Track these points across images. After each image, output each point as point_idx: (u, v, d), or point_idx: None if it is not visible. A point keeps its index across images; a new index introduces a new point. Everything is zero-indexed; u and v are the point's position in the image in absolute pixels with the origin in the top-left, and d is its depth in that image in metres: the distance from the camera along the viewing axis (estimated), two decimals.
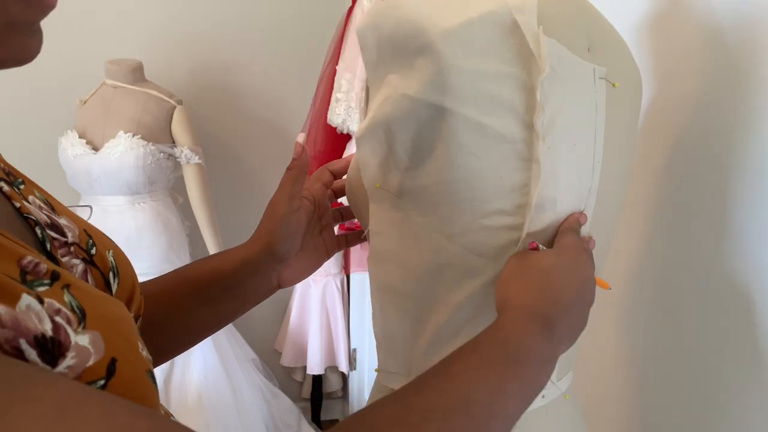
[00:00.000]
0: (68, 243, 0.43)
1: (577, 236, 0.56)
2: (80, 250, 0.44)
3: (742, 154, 0.70)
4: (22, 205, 0.42)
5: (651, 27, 0.84)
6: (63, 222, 0.45)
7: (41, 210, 0.44)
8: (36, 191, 0.46)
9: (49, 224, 0.43)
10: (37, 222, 0.41)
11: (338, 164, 0.74)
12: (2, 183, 0.42)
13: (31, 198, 0.44)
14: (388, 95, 0.55)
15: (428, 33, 0.50)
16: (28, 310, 0.31)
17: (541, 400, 0.64)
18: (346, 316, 2.44)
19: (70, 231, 0.45)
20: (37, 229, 0.41)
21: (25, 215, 0.41)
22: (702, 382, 0.78)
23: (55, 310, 0.32)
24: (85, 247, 0.45)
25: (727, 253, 0.73)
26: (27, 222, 0.41)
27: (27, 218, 0.41)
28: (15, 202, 0.41)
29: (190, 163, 1.95)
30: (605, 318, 0.96)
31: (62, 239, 0.43)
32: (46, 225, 0.42)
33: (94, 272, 0.44)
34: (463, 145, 0.53)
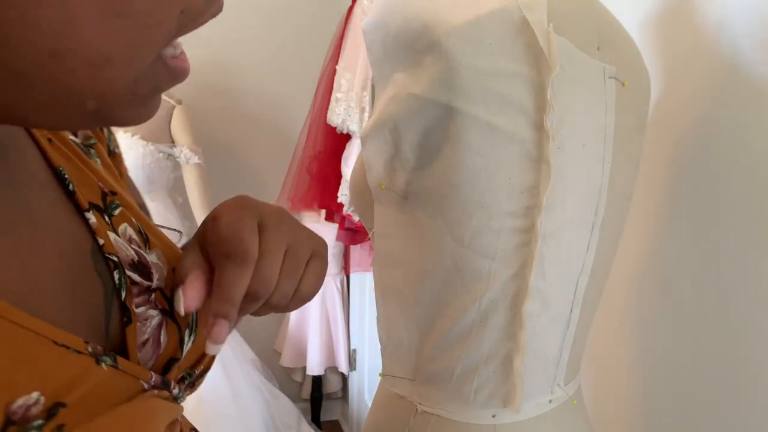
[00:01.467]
0: (150, 288, 0.40)
1: None
2: (162, 298, 0.41)
3: (748, 153, 0.70)
4: (107, 241, 0.38)
5: (657, 25, 0.84)
6: (152, 260, 0.41)
7: (130, 244, 0.40)
8: (133, 218, 0.42)
9: (135, 263, 0.40)
10: (117, 264, 0.38)
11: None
12: (91, 213, 0.39)
13: (123, 227, 0.41)
14: (394, 94, 0.54)
15: (436, 31, 0.49)
16: None
17: (548, 404, 0.63)
18: (346, 316, 2.44)
19: (158, 272, 0.41)
20: (116, 273, 0.38)
21: (107, 255, 0.38)
22: (708, 384, 0.77)
23: None
24: (170, 294, 0.41)
25: (734, 252, 0.72)
26: (107, 263, 0.38)
27: (108, 259, 0.38)
28: (99, 238, 0.38)
29: (190, 163, 1.94)
30: (611, 320, 0.95)
31: (145, 283, 0.40)
32: (130, 265, 0.39)
33: (170, 327, 0.40)
34: (471, 145, 0.52)
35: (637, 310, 0.91)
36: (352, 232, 1.87)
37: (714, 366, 0.76)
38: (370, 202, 0.63)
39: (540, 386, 0.63)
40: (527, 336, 0.58)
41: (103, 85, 0.28)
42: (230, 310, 0.37)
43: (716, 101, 0.74)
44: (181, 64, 0.33)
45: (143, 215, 0.45)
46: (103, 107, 0.29)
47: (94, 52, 0.27)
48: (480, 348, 0.59)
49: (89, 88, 0.28)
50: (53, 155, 0.38)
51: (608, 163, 0.57)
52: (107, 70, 0.28)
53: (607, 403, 0.98)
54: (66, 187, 0.38)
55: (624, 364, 0.94)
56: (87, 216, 0.38)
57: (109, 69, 0.28)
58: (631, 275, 0.90)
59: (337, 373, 2.56)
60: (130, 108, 0.31)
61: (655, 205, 0.85)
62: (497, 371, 0.60)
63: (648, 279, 0.88)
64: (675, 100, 0.81)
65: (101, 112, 0.30)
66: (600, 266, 0.62)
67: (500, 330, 0.58)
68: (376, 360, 2.30)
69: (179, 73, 0.33)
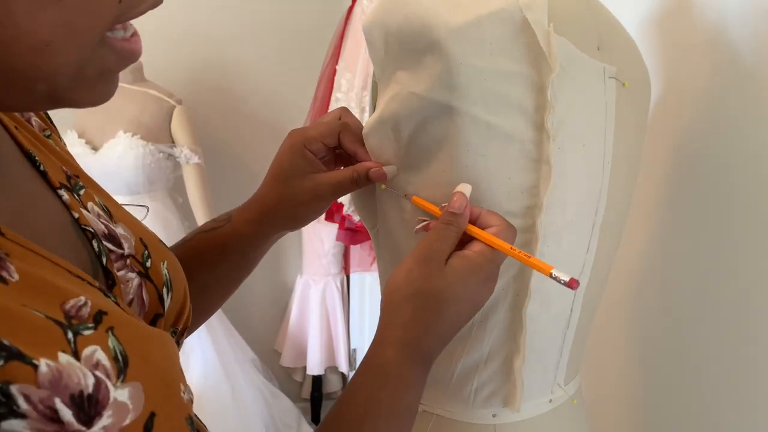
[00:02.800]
0: (124, 255, 0.43)
1: (494, 251, 0.51)
2: (136, 262, 0.44)
3: (749, 154, 0.70)
4: (81, 215, 0.42)
5: (657, 25, 0.84)
6: (120, 231, 0.45)
7: (99, 219, 0.44)
8: (96, 196, 0.46)
9: (106, 235, 0.43)
10: (94, 234, 0.41)
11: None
12: (63, 191, 0.42)
13: (90, 205, 0.44)
14: (396, 93, 0.54)
15: (436, 31, 0.49)
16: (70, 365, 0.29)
17: (548, 404, 0.64)
18: (346, 316, 2.44)
19: (127, 242, 0.44)
20: (94, 242, 0.41)
21: (83, 227, 0.41)
22: (708, 384, 0.77)
23: (93, 364, 0.31)
24: (141, 259, 0.45)
25: (734, 253, 0.72)
26: (84, 234, 0.41)
27: (84, 230, 0.41)
28: (74, 212, 0.41)
29: (190, 163, 1.94)
30: (611, 320, 0.95)
31: (118, 251, 0.43)
32: (103, 236, 0.42)
33: (148, 286, 0.44)
34: (471, 145, 0.52)
35: (637, 310, 0.91)
36: (352, 232, 1.87)
37: (714, 366, 0.76)
38: (371, 201, 0.63)
39: (540, 386, 0.63)
40: (527, 336, 0.58)
41: (48, 68, 0.31)
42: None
43: (716, 101, 0.74)
44: (131, 45, 0.35)
45: (106, 193, 0.49)
46: (53, 89, 0.32)
47: (34, 39, 0.29)
48: (480, 348, 0.59)
49: (36, 71, 0.30)
50: (22, 140, 0.41)
51: (608, 163, 0.57)
52: (49, 55, 0.30)
53: (607, 403, 0.98)
54: (37, 168, 0.41)
55: (624, 364, 0.94)
56: (60, 193, 0.42)
57: (50, 54, 0.30)
58: (631, 275, 0.90)
59: (337, 373, 2.56)
60: (81, 89, 0.33)
61: (655, 205, 0.85)
62: (497, 371, 0.60)
63: (648, 279, 0.88)
64: (675, 100, 0.81)
65: (53, 93, 0.32)
66: (600, 266, 0.62)
67: (500, 330, 0.58)
68: None
69: (128, 54, 0.35)
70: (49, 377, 0.28)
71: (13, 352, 0.27)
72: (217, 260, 0.63)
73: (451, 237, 0.50)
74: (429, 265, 0.49)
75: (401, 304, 0.49)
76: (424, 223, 0.55)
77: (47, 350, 0.29)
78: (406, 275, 0.50)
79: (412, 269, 0.49)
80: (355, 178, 0.58)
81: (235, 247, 0.63)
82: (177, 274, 0.49)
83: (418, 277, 0.49)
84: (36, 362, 0.28)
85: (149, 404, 0.32)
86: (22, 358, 0.27)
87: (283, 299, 2.54)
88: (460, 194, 0.51)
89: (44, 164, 0.42)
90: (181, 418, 0.35)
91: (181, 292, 0.49)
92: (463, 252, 0.50)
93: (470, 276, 0.49)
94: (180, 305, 0.48)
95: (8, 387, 0.26)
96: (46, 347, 0.29)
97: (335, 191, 0.60)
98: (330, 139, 0.60)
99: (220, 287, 0.65)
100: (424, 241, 0.50)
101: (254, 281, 2.64)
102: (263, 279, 2.50)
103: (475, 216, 0.52)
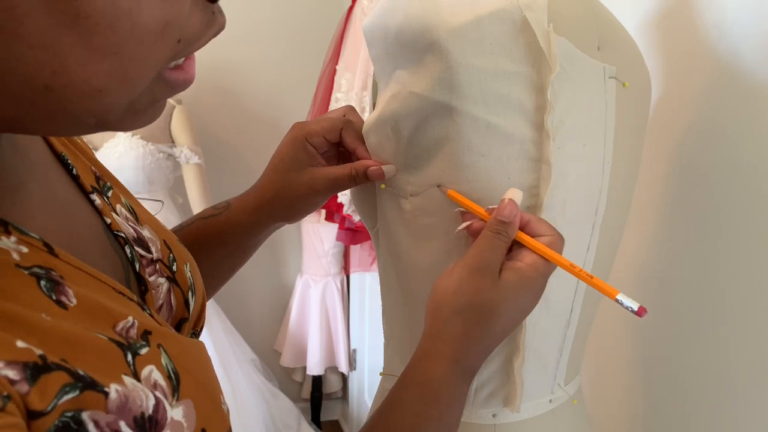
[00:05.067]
0: (153, 260, 0.43)
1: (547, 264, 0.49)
2: (164, 267, 0.44)
3: (748, 154, 0.70)
4: (113, 220, 0.41)
5: (657, 26, 0.84)
6: (146, 234, 0.45)
7: (128, 222, 0.43)
8: (123, 197, 0.46)
9: (136, 239, 0.43)
10: (126, 240, 0.41)
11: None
12: (95, 195, 0.41)
13: (118, 207, 0.44)
14: (396, 92, 0.54)
15: (436, 30, 0.49)
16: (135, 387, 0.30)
17: (548, 404, 0.64)
18: (346, 316, 2.44)
19: (153, 245, 0.44)
20: (127, 248, 0.41)
21: (115, 233, 0.41)
22: (708, 384, 0.77)
23: (152, 385, 0.31)
24: (168, 263, 0.45)
25: (734, 253, 0.72)
26: (116, 239, 0.41)
27: (117, 235, 0.41)
28: (106, 217, 0.41)
29: (190, 163, 1.94)
30: (611, 320, 0.95)
31: (148, 256, 0.43)
32: (133, 240, 0.42)
33: (176, 291, 0.44)
34: (471, 144, 0.52)
35: None
36: (352, 232, 1.87)
37: (714, 366, 0.76)
38: (371, 201, 0.63)
39: (540, 386, 0.63)
40: (527, 336, 0.58)
41: (100, 109, 0.29)
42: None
43: (717, 101, 0.74)
44: (182, 76, 0.33)
45: (129, 193, 0.48)
46: (102, 122, 0.31)
47: (86, 87, 0.28)
48: None
49: (87, 112, 0.29)
50: (54, 143, 0.41)
51: (608, 163, 0.57)
52: (102, 99, 0.29)
53: (607, 403, 0.98)
54: (70, 172, 0.41)
55: (624, 364, 0.94)
56: (92, 198, 0.41)
57: (103, 98, 0.29)
58: (631, 275, 0.90)
59: (337, 373, 2.56)
60: (131, 118, 0.32)
61: (655, 205, 0.85)
62: (497, 371, 0.60)
63: (648, 279, 0.88)
64: (675, 100, 0.81)
65: (101, 125, 0.31)
66: (600, 266, 0.62)
67: None
68: (376, 360, 2.30)
69: (180, 84, 0.34)
70: (117, 402, 0.28)
71: (88, 381, 0.27)
72: (213, 247, 0.63)
73: (501, 247, 0.48)
74: (482, 277, 0.47)
75: (451, 318, 0.48)
76: (467, 223, 0.52)
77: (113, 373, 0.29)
78: (458, 286, 0.48)
79: (464, 280, 0.48)
80: (353, 175, 0.58)
81: (232, 235, 0.63)
82: (198, 276, 0.49)
83: (471, 290, 0.47)
84: (107, 389, 0.28)
85: (200, 421, 0.33)
86: (95, 386, 0.28)
87: (283, 299, 2.54)
88: (511, 201, 0.49)
89: (76, 167, 0.41)
90: (225, 429, 0.35)
91: (201, 294, 0.49)
92: (515, 264, 0.49)
93: (522, 291, 0.48)
94: (200, 307, 0.48)
95: (80, 414, 0.27)
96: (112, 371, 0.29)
97: (332, 186, 0.59)
98: (332, 134, 0.60)
99: (215, 274, 0.65)
100: (476, 250, 0.48)
101: (254, 281, 2.66)
102: (263, 279, 2.50)
103: (524, 223, 0.50)
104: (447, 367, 0.47)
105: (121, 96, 0.30)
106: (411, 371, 0.48)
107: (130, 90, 0.30)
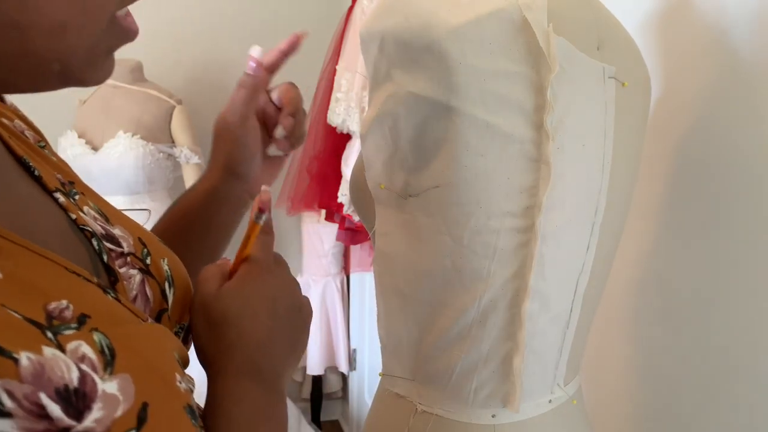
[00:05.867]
0: (124, 253, 0.44)
1: (260, 253, 0.47)
2: (136, 259, 0.45)
3: (748, 154, 0.70)
4: (78, 216, 0.42)
5: (657, 25, 0.84)
6: (117, 233, 0.45)
7: (96, 221, 0.44)
8: (90, 201, 0.47)
9: (104, 235, 0.44)
10: (93, 233, 0.42)
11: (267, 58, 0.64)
12: (59, 194, 0.43)
13: (86, 209, 0.45)
14: (393, 92, 0.54)
15: (436, 30, 0.49)
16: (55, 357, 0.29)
17: (548, 404, 0.64)
18: (346, 316, 2.44)
19: (125, 241, 0.45)
20: (94, 241, 0.42)
21: (81, 227, 0.42)
22: (707, 384, 0.77)
23: (79, 357, 0.31)
24: (141, 256, 0.46)
25: (734, 253, 0.72)
26: (83, 234, 0.42)
27: (83, 230, 0.42)
28: (71, 213, 0.42)
29: (190, 163, 1.94)
30: (611, 320, 0.95)
31: (118, 249, 0.44)
32: (101, 236, 0.43)
33: (151, 282, 0.45)
34: (469, 145, 0.52)
35: (637, 310, 0.91)
36: (352, 232, 1.87)
37: (714, 366, 0.76)
38: (370, 202, 0.63)
39: (540, 386, 0.63)
40: (527, 336, 0.58)
41: (64, 48, 0.33)
42: None
43: (717, 101, 0.74)
44: (133, 24, 0.38)
45: (102, 199, 0.50)
46: (66, 68, 0.34)
47: (50, 20, 0.31)
48: (479, 348, 0.59)
49: (52, 53, 0.32)
50: (15, 147, 0.42)
51: (608, 163, 0.57)
52: (65, 36, 0.32)
53: (607, 403, 0.98)
54: (32, 173, 0.42)
55: (624, 364, 0.94)
56: (56, 196, 0.42)
57: (66, 35, 0.32)
58: (631, 275, 0.90)
59: (337, 372, 2.56)
60: (91, 68, 0.36)
61: (655, 205, 0.85)
62: (497, 371, 0.60)
63: (648, 279, 0.88)
64: (675, 100, 0.81)
65: (65, 73, 0.34)
66: (600, 266, 0.62)
67: (500, 330, 0.58)
68: (376, 360, 2.30)
69: (132, 31, 0.38)
70: (31, 370, 0.27)
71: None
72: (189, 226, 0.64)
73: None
74: (203, 292, 0.46)
75: (205, 346, 0.46)
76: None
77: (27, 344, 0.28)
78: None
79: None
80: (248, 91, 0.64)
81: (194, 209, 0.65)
82: (178, 270, 0.49)
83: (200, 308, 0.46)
84: (17, 356, 0.27)
85: (141, 395, 0.32)
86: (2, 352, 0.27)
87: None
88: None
89: (39, 170, 0.42)
90: (178, 406, 0.35)
91: (183, 289, 0.49)
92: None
93: (240, 286, 0.46)
94: (185, 301, 0.49)
95: None
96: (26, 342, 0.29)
97: (231, 109, 0.66)
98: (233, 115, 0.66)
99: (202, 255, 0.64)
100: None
101: None
102: None
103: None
104: (228, 380, 0.45)
105: (81, 35, 0.33)
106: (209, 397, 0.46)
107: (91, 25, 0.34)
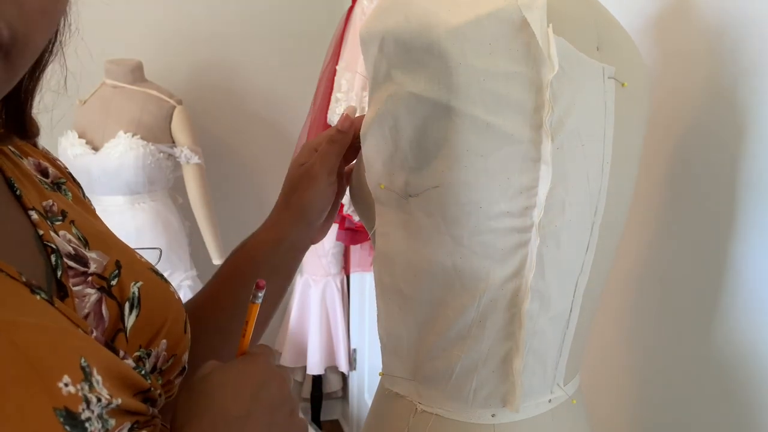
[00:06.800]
0: (87, 273, 0.46)
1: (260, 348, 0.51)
2: (100, 280, 0.47)
3: (747, 155, 0.70)
4: (46, 233, 0.45)
5: (658, 26, 0.84)
6: (93, 255, 0.48)
7: (69, 243, 0.47)
8: (75, 228, 0.49)
9: (72, 255, 0.46)
10: (54, 250, 0.44)
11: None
12: (34, 212, 0.46)
13: (62, 232, 0.47)
14: (393, 92, 0.54)
15: (435, 30, 0.50)
16: None
17: (548, 404, 0.64)
18: (346, 316, 2.44)
19: (96, 263, 0.48)
20: (53, 257, 0.44)
21: (46, 243, 0.44)
22: (707, 384, 0.77)
23: None
24: (107, 277, 0.48)
25: (733, 253, 0.72)
26: (45, 249, 0.44)
27: (46, 246, 0.44)
28: (39, 229, 0.45)
29: (190, 163, 1.94)
30: (611, 320, 0.95)
31: (81, 269, 0.46)
32: (67, 255, 0.45)
33: (109, 302, 0.46)
34: (469, 145, 0.52)
35: (636, 310, 0.91)
36: (352, 232, 1.87)
37: (713, 366, 0.76)
38: (370, 202, 0.63)
39: (539, 386, 0.63)
40: (526, 336, 0.58)
41: None
42: None
43: (716, 101, 0.74)
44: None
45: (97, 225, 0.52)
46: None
47: None
48: (479, 347, 0.59)
49: None
50: (5, 168, 0.46)
51: (608, 163, 0.57)
52: None
53: (607, 403, 0.98)
54: (14, 193, 0.46)
55: (623, 364, 0.94)
56: (30, 213, 0.45)
57: None
58: (631, 275, 0.90)
59: (337, 372, 2.56)
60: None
61: (655, 205, 0.85)
62: (496, 371, 0.60)
63: (648, 279, 0.88)
64: (675, 101, 0.81)
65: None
66: (600, 266, 0.62)
67: (499, 330, 0.58)
68: (376, 360, 2.30)
69: None
70: None
71: None
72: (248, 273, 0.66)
73: None
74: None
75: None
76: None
77: None
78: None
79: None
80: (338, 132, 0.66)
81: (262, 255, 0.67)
82: (153, 295, 0.50)
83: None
84: None
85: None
86: None
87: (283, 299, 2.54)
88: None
89: (22, 191, 0.46)
90: (47, 406, 0.35)
91: (154, 312, 0.49)
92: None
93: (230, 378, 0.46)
94: (154, 328, 0.49)
95: None
96: None
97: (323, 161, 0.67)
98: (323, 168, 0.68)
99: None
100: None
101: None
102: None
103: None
104: None
105: None
106: None
107: None
